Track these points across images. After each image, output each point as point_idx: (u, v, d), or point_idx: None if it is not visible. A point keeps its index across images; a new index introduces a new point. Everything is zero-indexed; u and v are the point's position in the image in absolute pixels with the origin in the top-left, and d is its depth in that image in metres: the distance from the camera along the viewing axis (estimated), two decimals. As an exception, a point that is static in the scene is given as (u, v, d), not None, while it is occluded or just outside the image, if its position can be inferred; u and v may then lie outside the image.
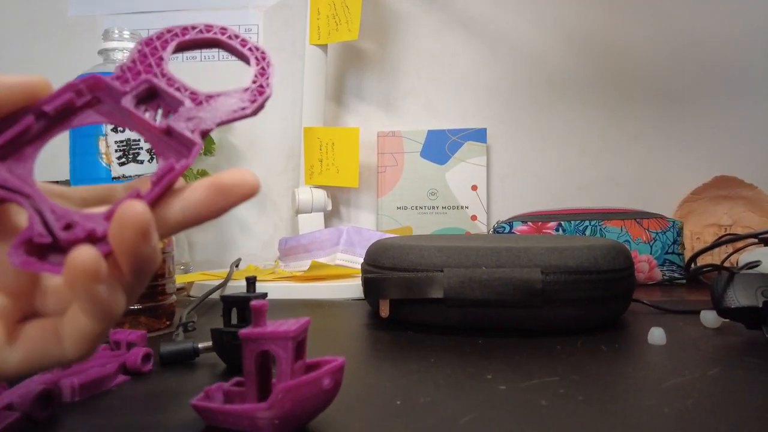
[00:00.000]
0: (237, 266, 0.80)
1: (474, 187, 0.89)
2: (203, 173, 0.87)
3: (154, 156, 0.22)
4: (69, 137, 0.46)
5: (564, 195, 0.95)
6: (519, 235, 0.59)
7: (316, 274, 0.68)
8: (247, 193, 0.21)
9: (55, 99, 0.21)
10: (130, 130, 0.22)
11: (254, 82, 0.23)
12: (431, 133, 0.90)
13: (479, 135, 0.89)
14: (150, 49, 0.23)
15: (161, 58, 0.23)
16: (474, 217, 0.89)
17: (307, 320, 0.27)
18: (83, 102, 0.22)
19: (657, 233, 0.75)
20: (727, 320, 0.45)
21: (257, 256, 0.96)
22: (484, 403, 0.30)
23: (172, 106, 0.22)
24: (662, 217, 0.77)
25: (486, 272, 0.44)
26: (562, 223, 0.77)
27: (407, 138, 0.90)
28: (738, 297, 0.43)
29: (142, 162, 0.46)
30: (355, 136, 0.84)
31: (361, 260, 0.72)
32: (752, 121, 0.91)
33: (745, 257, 0.62)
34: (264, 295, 0.37)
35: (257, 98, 0.22)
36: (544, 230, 0.77)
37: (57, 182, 0.91)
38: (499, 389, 0.32)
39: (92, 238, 0.19)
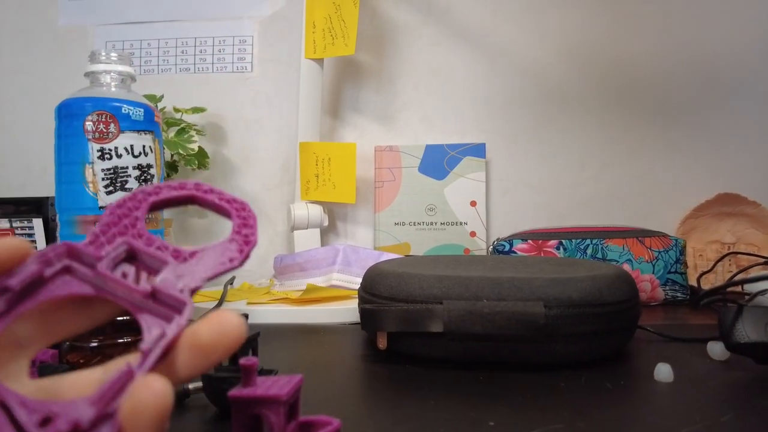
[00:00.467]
0: (231, 284, 0.79)
1: (473, 203, 0.88)
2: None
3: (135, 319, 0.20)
4: (54, 164, 0.44)
5: (564, 210, 0.93)
6: (520, 258, 0.58)
7: (311, 297, 0.67)
8: (231, 346, 0.19)
9: (21, 272, 0.19)
10: (107, 297, 0.20)
11: (238, 232, 0.22)
12: (429, 148, 0.88)
13: (478, 150, 0.88)
14: (123, 211, 0.22)
15: (137, 218, 0.22)
16: (473, 234, 0.87)
17: (299, 379, 0.25)
18: (53, 272, 0.20)
19: (659, 252, 0.74)
20: (736, 353, 0.44)
21: (252, 272, 0.95)
22: (487, 461, 0.28)
23: (152, 267, 0.21)
24: (665, 236, 0.75)
25: (487, 305, 0.43)
26: (563, 241, 0.76)
27: (405, 153, 0.89)
28: (747, 332, 0.41)
29: (130, 190, 0.44)
30: (352, 151, 0.82)
31: (358, 280, 0.70)
32: (756, 137, 0.90)
33: (752, 286, 0.61)
34: (256, 336, 0.36)
35: (244, 248, 0.22)
36: (544, 248, 0.76)
37: (47, 198, 0.88)
38: (503, 441, 0.30)
39: (78, 431, 0.16)
